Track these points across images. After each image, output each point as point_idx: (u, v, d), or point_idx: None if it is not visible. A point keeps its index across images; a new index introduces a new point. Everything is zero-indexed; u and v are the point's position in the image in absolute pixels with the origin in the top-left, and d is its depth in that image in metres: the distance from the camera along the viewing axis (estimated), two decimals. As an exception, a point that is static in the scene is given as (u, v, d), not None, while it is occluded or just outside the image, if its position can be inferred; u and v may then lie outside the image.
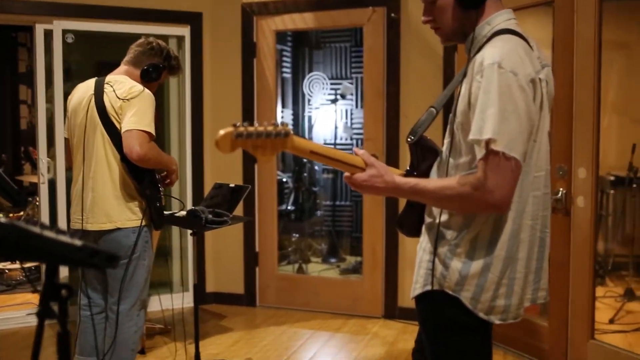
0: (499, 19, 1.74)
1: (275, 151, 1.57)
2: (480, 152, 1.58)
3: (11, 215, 5.62)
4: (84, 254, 1.33)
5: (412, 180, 1.72)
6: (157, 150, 2.87)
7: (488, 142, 1.56)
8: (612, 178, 5.17)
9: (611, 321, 4.19)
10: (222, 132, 1.51)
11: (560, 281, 3.46)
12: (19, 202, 2.60)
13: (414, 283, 1.84)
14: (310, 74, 6.59)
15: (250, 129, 1.52)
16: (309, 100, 6.66)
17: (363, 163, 1.73)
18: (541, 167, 1.73)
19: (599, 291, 4.75)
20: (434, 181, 1.74)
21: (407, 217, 1.93)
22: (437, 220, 1.76)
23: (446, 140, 1.80)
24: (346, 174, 1.75)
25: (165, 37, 4.76)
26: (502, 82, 1.56)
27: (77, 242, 1.32)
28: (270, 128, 1.53)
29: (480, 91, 1.58)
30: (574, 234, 3.37)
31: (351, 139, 6.55)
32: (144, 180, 2.89)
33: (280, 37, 6.31)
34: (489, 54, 1.60)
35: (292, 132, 1.59)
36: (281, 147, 1.58)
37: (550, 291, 3.43)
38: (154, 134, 2.83)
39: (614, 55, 5.57)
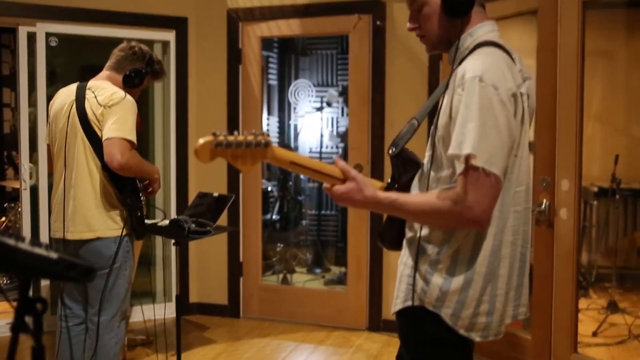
0: (482, 30, 1.73)
1: (255, 161, 1.54)
2: (459, 167, 1.57)
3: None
4: (61, 267, 1.30)
5: (392, 195, 1.69)
6: (138, 159, 2.83)
7: (468, 157, 1.54)
8: (595, 189, 5.19)
9: (594, 334, 4.19)
10: (201, 141, 1.48)
11: (544, 294, 3.45)
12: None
13: (395, 298, 1.82)
14: (296, 82, 6.58)
15: (230, 138, 1.49)
16: (294, 108, 6.64)
17: (341, 174, 1.70)
18: (522, 182, 1.71)
19: (582, 303, 4.75)
20: (413, 196, 1.72)
21: (388, 231, 1.90)
22: (418, 235, 1.74)
23: (427, 153, 1.78)
24: (325, 184, 1.73)
25: (150, 42, 4.73)
26: (483, 96, 1.55)
27: (53, 255, 1.29)
28: (250, 138, 1.51)
29: (461, 105, 1.57)
30: (557, 246, 3.37)
31: (337, 147, 6.54)
32: (125, 189, 2.86)
33: (267, 43, 6.30)
34: (471, 67, 1.59)
35: (272, 142, 1.56)
36: (261, 157, 1.55)
37: (533, 304, 3.45)
38: (135, 142, 2.79)
39: (598, 64, 5.61)
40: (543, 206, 3.39)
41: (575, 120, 3.27)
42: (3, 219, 5.55)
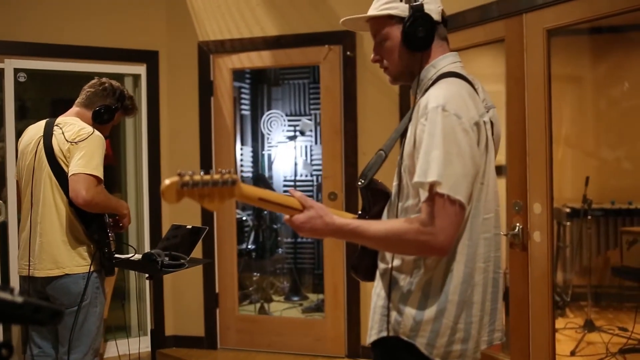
0: (444, 61, 1.77)
1: (223, 200, 1.54)
2: (423, 195, 1.58)
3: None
4: (27, 311, 1.27)
5: (353, 222, 1.70)
6: (105, 195, 2.80)
7: (432, 185, 1.55)
8: (568, 210, 5.27)
9: (572, 353, 4.22)
10: (167, 182, 1.47)
11: (520, 315, 3.47)
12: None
13: (370, 329, 1.81)
14: (268, 112, 6.60)
15: (196, 177, 1.48)
16: (267, 138, 6.65)
17: (299, 205, 1.71)
18: (490, 209, 1.73)
19: (560, 323, 4.79)
20: (376, 224, 1.72)
21: (361, 262, 1.90)
22: (390, 266, 1.74)
23: (394, 184, 1.80)
24: (285, 216, 1.72)
25: (121, 76, 4.72)
26: (446, 125, 1.57)
27: (19, 299, 1.26)
28: (216, 176, 1.50)
29: (425, 134, 1.59)
30: (532, 268, 3.40)
31: (311, 175, 6.55)
32: (92, 224, 2.82)
33: (239, 74, 6.32)
34: (434, 97, 1.62)
35: (239, 180, 1.56)
36: (229, 195, 1.54)
37: (510, 326, 3.46)
38: (101, 177, 2.76)
39: (566, 89, 5.73)
40: (516, 230, 3.42)
41: (545, 144, 3.32)
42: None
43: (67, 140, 2.79)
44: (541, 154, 3.34)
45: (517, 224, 3.42)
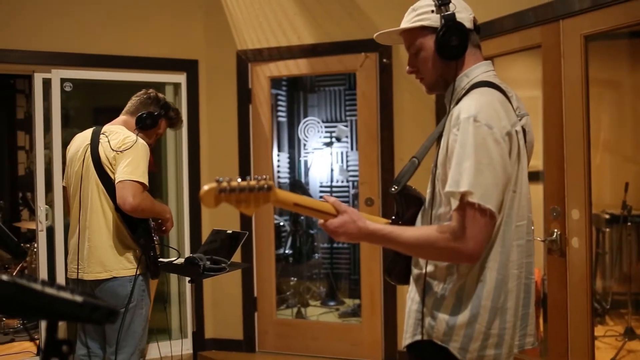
0: (477, 71, 1.80)
1: (258, 205, 1.59)
2: (455, 203, 1.62)
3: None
4: (85, 310, 1.33)
5: (386, 228, 1.74)
6: (150, 201, 2.90)
7: (464, 195, 1.59)
8: (607, 216, 5.20)
9: (612, 361, 4.18)
10: (205, 187, 1.53)
11: (559, 322, 3.46)
12: (18, 254, 2.62)
13: (405, 332, 1.86)
14: (305, 119, 6.66)
15: (233, 184, 1.54)
16: (304, 145, 6.72)
17: (333, 209, 1.75)
18: (523, 217, 1.76)
19: (599, 330, 4.73)
20: (409, 230, 1.76)
21: (395, 266, 1.94)
22: (424, 271, 1.79)
23: (428, 191, 1.84)
24: (320, 220, 1.78)
25: (161, 85, 4.85)
26: (478, 135, 1.60)
27: (78, 299, 1.33)
28: (253, 183, 1.56)
29: (457, 144, 1.62)
30: (570, 274, 3.39)
31: (347, 181, 6.59)
32: (138, 229, 2.92)
33: (275, 82, 6.40)
34: (465, 107, 1.65)
35: (274, 185, 1.62)
36: (264, 201, 1.60)
37: (548, 332, 3.45)
38: (147, 184, 2.86)
39: (604, 94, 5.67)
40: (554, 236, 3.41)
41: (583, 150, 3.31)
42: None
43: (112, 149, 2.89)
44: (579, 160, 3.33)
45: (555, 230, 3.41)
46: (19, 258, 2.83)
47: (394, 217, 1.95)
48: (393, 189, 1.91)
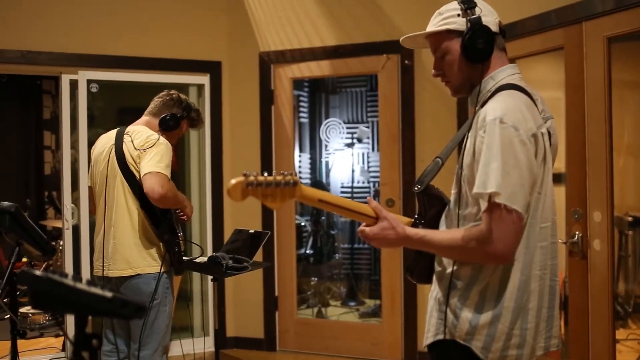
0: (503, 74, 1.82)
1: (284, 200, 1.63)
2: (483, 205, 1.65)
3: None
4: (115, 305, 1.38)
5: (421, 232, 1.78)
6: (175, 190, 2.98)
7: (491, 196, 1.61)
8: (630, 219, 5.16)
9: (634, 364, 4.14)
10: (233, 181, 1.58)
11: (580, 325, 3.45)
12: (47, 251, 2.69)
13: (426, 332, 1.88)
14: (327, 121, 6.70)
15: (260, 178, 1.58)
16: (326, 146, 6.75)
17: (373, 212, 1.79)
18: (547, 218, 1.78)
19: (621, 334, 4.69)
20: (441, 232, 1.80)
21: (417, 265, 1.97)
22: (448, 271, 1.81)
23: (453, 192, 1.86)
24: (360, 227, 1.82)
25: (185, 86, 4.92)
26: (504, 137, 1.63)
27: (108, 294, 1.38)
28: (279, 177, 1.60)
29: (484, 146, 1.65)
30: (592, 277, 3.38)
31: (368, 182, 6.61)
32: (162, 226, 2.98)
33: (297, 83, 6.44)
34: (492, 110, 1.67)
35: (300, 181, 1.66)
36: (290, 196, 1.64)
37: (569, 335, 3.44)
38: (169, 178, 2.92)
39: (628, 95, 5.61)
40: (576, 238, 3.40)
41: (605, 152, 3.30)
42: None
43: (136, 148, 2.95)
44: (601, 162, 3.32)
45: (577, 232, 3.40)
46: (48, 255, 2.90)
47: (416, 217, 1.98)
48: (416, 188, 1.94)
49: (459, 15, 1.81)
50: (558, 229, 1.84)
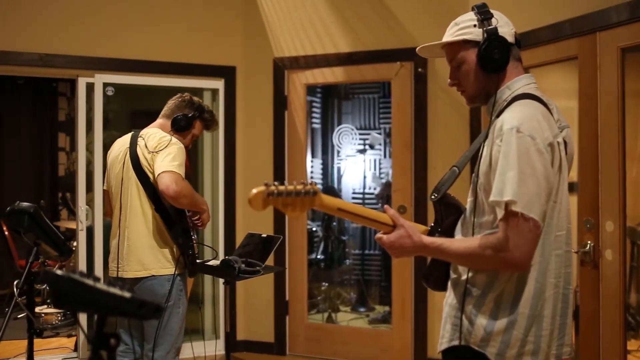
0: (519, 83, 1.84)
1: (304, 209, 1.66)
2: (500, 213, 1.67)
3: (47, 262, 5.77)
4: (133, 306, 1.41)
5: (437, 240, 1.80)
6: (191, 189, 3.00)
7: (508, 204, 1.63)
8: (642, 229, 5.14)
9: (645, 375, 4.13)
10: (254, 191, 1.60)
11: (591, 334, 3.45)
12: (64, 252, 2.73)
13: (441, 337, 1.90)
14: (340, 127, 6.73)
15: (281, 187, 1.61)
16: (338, 152, 6.78)
17: (390, 220, 1.81)
18: (562, 227, 1.79)
19: (632, 344, 4.66)
20: (457, 241, 1.82)
21: (432, 272, 1.99)
22: (463, 277, 1.83)
23: (469, 200, 1.88)
24: (377, 235, 1.84)
25: (200, 90, 4.96)
26: (521, 146, 1.65)
27: (127, 294, 1.41)
28: (299, 187, 1.63)
29: (500, 155, 1.67)
30: (603, 286, 3.38)
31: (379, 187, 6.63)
32: (176, 228, 3.01)
33: (310, 88, 6.46)
34: (508, 119, 1.70)
35: (320, 190, 1.69)
36: (310, 205, 1.67)
37: (580, 345, 3.44)
38: (183, 176, 2.94)
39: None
40: (587, 247, 3.40)
41: (618, 161, 3.31)
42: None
43: (149, 151, 2.99)
44: (614, 171, 3.32)
45: (589, 242, 3.41)
46: (65, 255, 2.94)
47: (432, 225, 2.00)
48: (433, 197, 1.97)
49: (475, 25, 1.83)
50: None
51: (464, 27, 1.86)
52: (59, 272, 1.33)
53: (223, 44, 5.02)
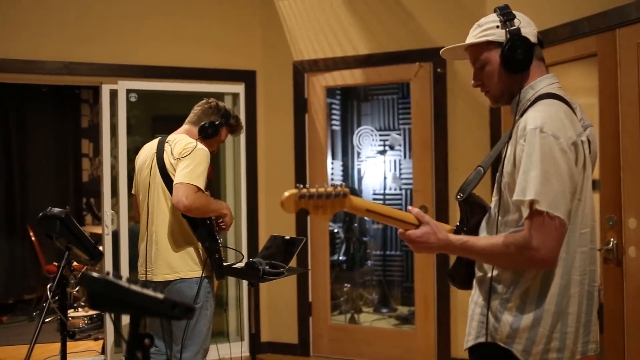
0: (542, 83, 1.86)
1: (334, 211, 1.70)
2: (525, 212, 1.69)
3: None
4: (166, 306, 1.45)
5: (462, 238, 1.83)
6: (204, 199, 3.01)
7: (532, 203, 1.66)
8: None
9: (671, 373, 4.10)
10: (286, 193, 1.64)
11: (615, 332, 3.44)
12: (95, 256, 2.80)
13: (467, 335, 1.92)
14: (360, 128, 6.76)
15: (312, 190, 1.65)
16: (358, 153, 6.81)
17: (415, 220, 1.84)
18: (587, 224, 1.81)
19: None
20: (483, 239, 1.84)
21: (457, 270, 2.02)
22: (489, 275, 1.85)
23: (494, 199, 1.91)
24: (400, 230, 1.87)
25: (221, 95, 5.02)
26: (544, 145, 1.67)
27: (160, 295, 1.45)
28: (330, 189, 1.67)
29: (524, 154, 1.69)
30: (627, 284, 3.37)
31: (400, 189, 6.65)
32: (203, 233, 3.06)
33: (330, 91, 6.50)
34: (532, 119, 1.72)
35: (349, 192, 1.72)
36: (340, 207, 1.71)
37: (604, 342, 3.44)
38: (201, 187, 2.96)
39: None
40: (611, 245, 3.40)
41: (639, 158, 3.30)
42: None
43: (174, 157, 3.04)
44: (636, 169, 3.32)
45: (612, 239, 3.40)
46: (95, 259, 3.01)
47: (458, 224, 2.02)
48: (459, 197, 1.99)
49: (498, 27, 1.86)
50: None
51: (487, 28, 1.88)
52: (95, 274, 1.38)
53: (243, 49, 5.07)
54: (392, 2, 4.69)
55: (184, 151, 3.02)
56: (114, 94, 4.74)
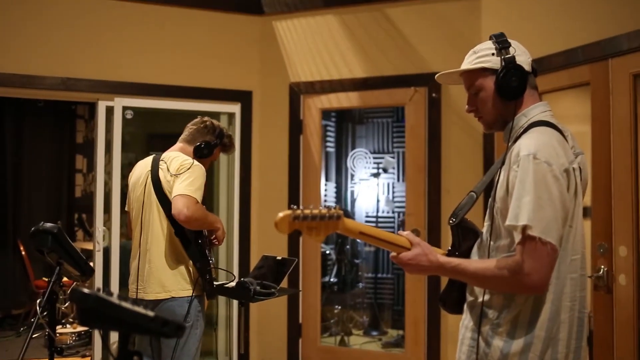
0: (535, 111, 1.89)
1: (327, 232, 1.71)
2: (517, 237, 1.70)
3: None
4: (156, 324, 1.46)
5: (454, 260, 1.84)
6: (203, 211, 3.04)
7: (524, 228, 1.67)
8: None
9: (660, 402, 4.09)
10: (281, 214, 1.65)
11: (605, 359, 3.44)
12: (86, 271, 2.79)
13: (457, 359, 1.92)
14: (354, 151, 6.78)
15: (307, 211, 1.66)
16: (352, 175, 6.83)
17: (408, 243, 1.86)
18: (577, 251, 1.83)
19: (647, 370, 4.64)
20: (475, 262, 1.86)
21: (449, 294, 2.03)
22: (480, 300, 1.86)
23: (486, 224, 1.92)
24: (392, 253, 1.88)
25: (217, 114, 5.04)
26: (538, 172, 1.69)
27: (150, 313, 1.46)
28: (324, 211, 1.68)
29: (517, 180, 1.72)
30: (617, 311, 3.38)
31: (393, 212, 6.66)
32: (195, 252, 3.06)
33: (325, 112, 6.53)
34: (525, 145, 1.74)
35: (343, 215, 1.73)
36: (333, 228, 1.72)
37: (594, 370, 3.43)
38: (199, 200, 2.98)
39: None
40: (601, 272, 3.41)
41: (631, 186, 3.33)
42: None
43: (171, 174, 3.05)
44: (627, 197, 3.34)
45: (602, 267, 3.42)
46: (86, 275, 3.00)
47: (450, 249, 2.04)
48: (451, 221, 2.01)
49: (493, 54, 1.89)
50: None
51: (482, 55, 1.91)
52: (86, 290, 1.38)
53: (240, 69, 5.11)
54: (389, 27, 4.74)
55: (182, 167, 3.04)
56: (110, 111, 4.75)
